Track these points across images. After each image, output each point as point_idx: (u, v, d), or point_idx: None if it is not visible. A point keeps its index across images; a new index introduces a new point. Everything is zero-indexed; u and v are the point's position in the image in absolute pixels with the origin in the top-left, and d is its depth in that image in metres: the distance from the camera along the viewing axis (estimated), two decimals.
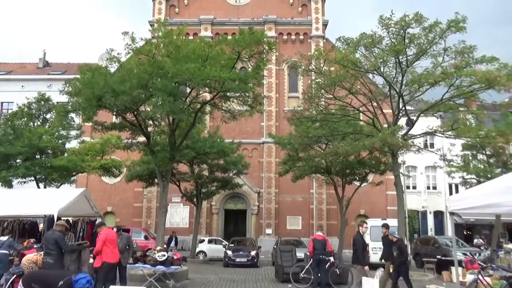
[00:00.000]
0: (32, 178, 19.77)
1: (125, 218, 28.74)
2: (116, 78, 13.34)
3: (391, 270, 10.56)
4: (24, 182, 19.81)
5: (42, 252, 8.37)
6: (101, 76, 13.11)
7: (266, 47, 14.30)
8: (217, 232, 29.21)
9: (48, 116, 21.85)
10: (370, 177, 24.28)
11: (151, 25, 31.80)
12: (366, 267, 10.03)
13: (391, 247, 10.65)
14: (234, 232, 28.65)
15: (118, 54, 14.13)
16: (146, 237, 23.36)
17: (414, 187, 31.61)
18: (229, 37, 24.19)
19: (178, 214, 29.27)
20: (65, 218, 12.32)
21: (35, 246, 10.86)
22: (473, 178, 21.63)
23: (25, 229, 13.07)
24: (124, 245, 9.81)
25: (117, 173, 22.27)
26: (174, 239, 22.03)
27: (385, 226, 11.33)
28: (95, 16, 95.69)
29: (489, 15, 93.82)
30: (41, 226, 12.90)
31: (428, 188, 31.66)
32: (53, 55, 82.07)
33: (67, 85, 13.90)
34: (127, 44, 14.06)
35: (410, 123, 16.10)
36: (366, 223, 11.14)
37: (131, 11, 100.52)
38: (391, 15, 14.09)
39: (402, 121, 17.02)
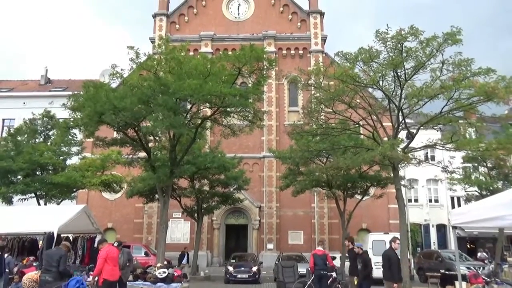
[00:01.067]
0: (32, 194, 19.72)
1: (126, 234, 28.54)
2: (117, 94, 13.44)
3: (355, 283, 10.30)
4: (25, 199, 19.76)
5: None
6: (103, 92, 13.21)
7: (267, 64, 14.43)
8: (218, 247, 28.96)
9: (50, 133, 21.93)
10: (372, 191, 24.15)
11: (152, 42, 32.31)
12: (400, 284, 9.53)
13: (356, 261, 10.40)
14: (235, 247, 28.41)
15: (121, 70, 14.28)
16: (146, 254, 23.12)
17: (416, 200, 31.43)
18: (229, 52, 24.55)
19: (179, 230, 29.08)
20: (65, 235, 12.25)
21: (34, 264, 10.77)
22: (475, 191, 21.53)
23: (24, 246, 12.98)
24: (125, 260, 9.73)
25: (118, 189, 22.21)
26: (186, 255, 21.66)
27: (349, 239, 11.14)
28: (96, 33, 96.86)
29: (487, 27, 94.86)
30: (40, 243, 12.80)
31: (430, 201, 31.47)
32: (55, 72, 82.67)
33: (70, 99, 14.00)
34: (131, 58, 14.20)
35: (410, 136, 16.08)
36: (398, 239, 10.49)
37: (132, 28, 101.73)
38: (387, 29, 14.23)
39: (402, 134, 17.02)
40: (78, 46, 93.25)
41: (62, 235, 11.58)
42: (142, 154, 17.43)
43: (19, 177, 19.58)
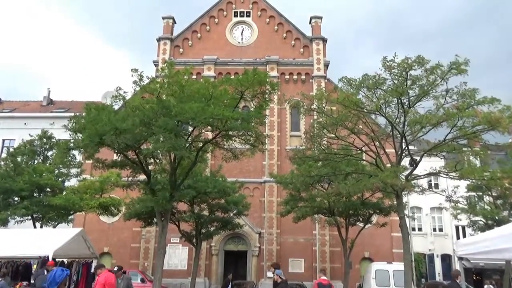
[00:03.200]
0: (29, 217, 19.56)
1: (122, 259, 28.08)
2: (119, 116, 13.52)
3: None
4: (21, 221, 19.58)
5: None
6: (105, 114, 13.30)
7: (269, 88, 14.57)
8: (217, 274, 28.43)
9: (49, 153, 21.96)
10: (374, 218, 23.90)
11: (155, 65, 32.86)
12: None
13: None
14: (234, 274, 27.83)
15: (124, 92, 14.43)
16: (142, 280, 22.73)
17: (420, 229, 31.06)
18: (232, 76, 24.79)
19: (177, 256, 28.62)
20: (60, 260, 12.06)
21: None
22: (480, 220, 21.28)
23: (18, 271, 12.75)
24: (124, 287, 9.54)
25: (116, 212, 22.03)
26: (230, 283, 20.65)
27: (274, 265, 10.92)
28: (100, 55, 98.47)
29: (490, 57, 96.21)
30: (34, 267, 12.59)
31: (435, 230, 31.10)
32: (58, 93, 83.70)
33: (72, 121, 14.09)
34: (134, 81, 14.37)
35: (414, 164, 16.05)
36: (459, 271, 10.00)
37: (135, 51, 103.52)
38: (394, 57, 14.43)
39: (406, 162, 16.99)
40: (82, 68, 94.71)
41: (57, 259, 11.39)
42: (142, 176, 17.35)
43: (16, 198, 19.47)
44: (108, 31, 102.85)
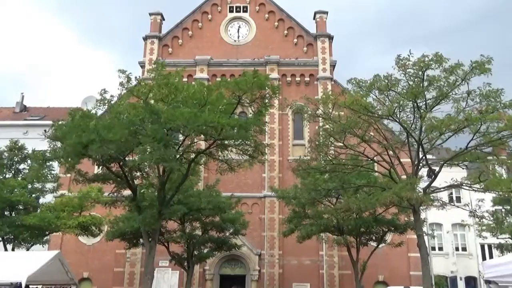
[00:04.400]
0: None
1: (104, 285, 27.87)
2: (105, 124, 13.54)
3: None
4: None
5: None
6: (91, 121, 13.31)
7: (270, 92, 14.62)
8: None
9: (21, 166, 21.87)
10: (389, 237, 23.85)
11: (141, 66, 33.01)
12: None
13: None
14: None
15: (111, 96, 14.48)
16: None
17: (441, 249, 30.96)
18: (228, 79, 24.84)
19: (166, 281, 28.38)
20: (35, 286, 11.98)
21: None
22: (509, 238, 21.25)
23: None
24: None
25: (97, 232, 21.94)
26: None
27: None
28: (77, 56, 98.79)
29: None
30: None
31: (457, 249, 30.99)
32: (32, 99, 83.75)
33: (52, 127, 14.09)
34: (121, 83, 14.41)
35: (432, 175, 16.06)
36: None
37: (118, 51, 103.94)
38: (409, 55, 14.51)
39: (423, 172, 17.01)
40: (58, 71, 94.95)
41: (31, 286, 11.32)
42: (127, 192, 17.33)
43: None
44: (85, 27, 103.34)
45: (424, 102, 14.90)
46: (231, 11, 34.94)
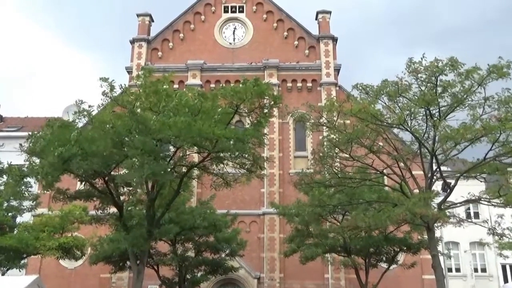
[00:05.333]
0: None
1: None
2: (88, 136, 13.55)
3: None
4: None
5: None
6: (72, 133, 13.31)
7: (271, 100, 14.68)
8: None
9: None
10: (401, 257, 23.79)
11: (128, 72, 33.13)
12: None
13: None
14: None
15: (89, 106, 14.50)
16: None
17: (458, 270, 30.82)
18: (222, 84, 24.91)
19: None
20: None
21: None
22: None
23: None
24: None
25: (79, 255, 21.82)
26: None
27: None
28: (58, 61, 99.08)
29: None
30: None
31: (476, 270, 30.86)
32: (9, 109, 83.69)
33: (29, 140, 14.09)
34: (104, 92, 14.46)
35: (447, 188, 16.09)
36: None
37: (102, 55, 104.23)
38: (422, 59, 14.62)
39: (438, 186, 17.02)
40: (36, 77, 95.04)
41: None
42: (112, 209, 17.29)
43: None
44: (67, 30, 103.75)
45: (438, 110, 14.99)
46: (226, 11, 35.23)
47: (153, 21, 35.64)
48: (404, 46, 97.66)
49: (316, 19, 34.83)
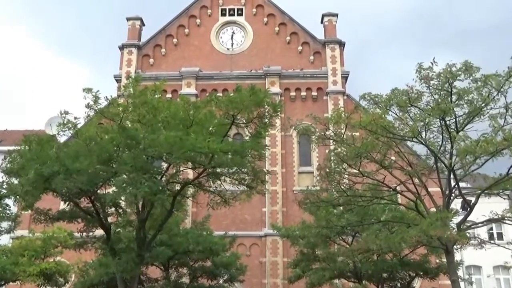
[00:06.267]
0: None
1: None
2: (70, 151, 13.58)
3: None
4: None
5: None
6: (51, 149, 13.35)
7: (270, 109, 14.73)
8: None
9: None
10: (417, 283, 23.68)
11: (117, 80, 33.24)
12: None
13: None
14: None
15: (75, 118, 14.56)
16: None
17: None
18: (220, 94, 24.96)
19: None
20: None
21: None
22: None
23: None
24: None
25: (62, 282, 21.70)
26: None
27: None
28: (43, 68, 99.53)
29: None
30: None
31: None
32: None
33: (7, 159, 14.13)
34: (88, 105, 14.53)
35: (467, 207, 16.04)
36: None
37: (89, 61, 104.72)
38: (432, 64, 14.67)
39: (457, 204, 16.97)
40: (18, 85, 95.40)
41: None
42: (99, 231, 17.25)
43: None
44: (52, 34, 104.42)
45: (454, 120, 14.98)
46: (223, 14, 35.45)
47: (144, 25, 35.87)
48: (420, 50, 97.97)
49: (322, 22, 35.01)
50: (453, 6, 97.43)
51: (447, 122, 15.03)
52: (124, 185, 13.64)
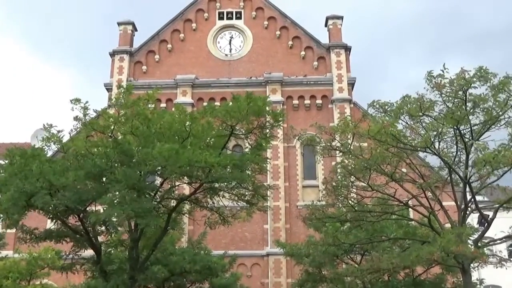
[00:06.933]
0: None
1: None
2: (56, 166, 13.52)
3: None
4: None
5: None
6: (35, 164, 13.30)
7: (271, 119, 14.68)
8: None
9: None
10: None
11: (107, 89, 33.24)
12: None
13: None
14: None
15: (58, 131, 14.52)
16: None
17: None
18: (217, 103, 24.96)
19: None
20: None
21: None
22: None
23: None
24: None
25: None
26: None
27: None
28: (31, 77, 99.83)
29: None
30: None
31: None
32: None
33: None
34: (76, 117, 14.50)
35: (485, 222, 15.95)
36: None
37: (78, 69, 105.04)
38: (443, 71, 14.65)
39: (473, 219, 16.85)
40: (5, 96, 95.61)
41: None
42: (89, 252, 17.16)
43: None
44: (37, 40, 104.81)
45: (469, 129, 14.93)
46: (221, 18, 35.54)
47: (136, 30, 35.95)
48: (432, 54, 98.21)
49: (326, 25, 35.12)
50: (466, 8, 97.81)
51: (462, 131, 14.98)
52: (114, 203, 13.57)
